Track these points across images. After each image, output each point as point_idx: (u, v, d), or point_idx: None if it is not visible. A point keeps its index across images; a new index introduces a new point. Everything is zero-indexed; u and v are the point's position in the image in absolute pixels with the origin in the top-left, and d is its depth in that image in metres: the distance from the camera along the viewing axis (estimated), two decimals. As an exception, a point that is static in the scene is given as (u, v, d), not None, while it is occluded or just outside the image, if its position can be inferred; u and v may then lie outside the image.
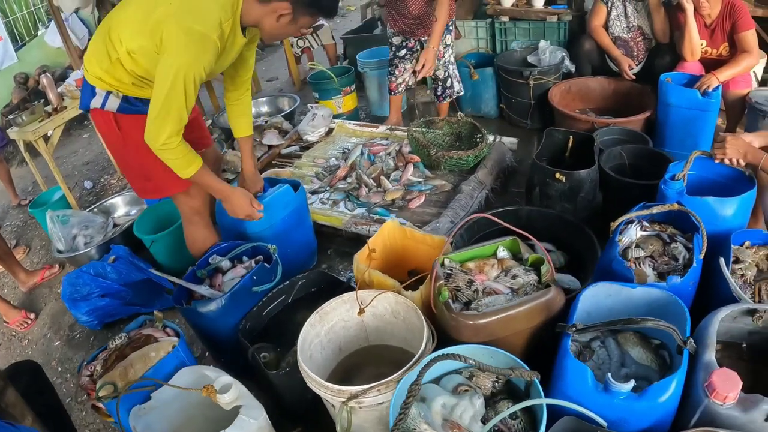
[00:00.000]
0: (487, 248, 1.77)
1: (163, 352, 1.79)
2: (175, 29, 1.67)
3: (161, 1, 1.73)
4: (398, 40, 3.47)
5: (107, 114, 1.93)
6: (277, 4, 1.77)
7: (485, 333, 1.50)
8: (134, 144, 1.94)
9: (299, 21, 1.87)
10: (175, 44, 1.68)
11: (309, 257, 2.72)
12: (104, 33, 1.85)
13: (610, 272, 1.76)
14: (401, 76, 3.61)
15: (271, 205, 2.32)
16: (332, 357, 1.88)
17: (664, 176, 2.09)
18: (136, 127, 1.90)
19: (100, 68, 1.86)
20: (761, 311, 1.58)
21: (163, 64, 1.71)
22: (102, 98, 1.90)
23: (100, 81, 1.89)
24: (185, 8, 1.69)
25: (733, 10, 2.86)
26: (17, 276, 3.18)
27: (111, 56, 1.82)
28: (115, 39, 1.80)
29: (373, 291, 1.74)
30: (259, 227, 2.31)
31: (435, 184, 2.89)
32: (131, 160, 2.06)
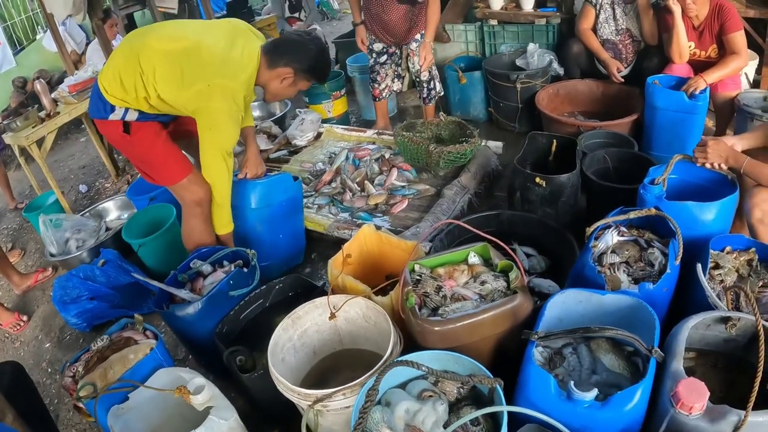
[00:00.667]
0: (459, 254, 1.77)
1: (142, 354, 1.82)
2: (215, 113, 2.03)
3: (198, 76, 2.00)
4: (379, 47, 3.50)
5: (116, 123, 2.13)
6: (282, 70, 2.17)
7: (451, 339, 1.50)
8: (141, 145, 2.19)
9: (298, 84, 2.26)
10: (215, 126, 2.06)
11: (298, 252, 2.75)
12: (135, 73, 2.02)
13: (583, 278, 1.76)
14: (383, 82, 3.62)
15: (271, 185, 2.45)
16: (306, 360, 1.89)
17: (643, 180, 2.08)
18: (144, 130, 2.16)
19: (123, 97, 2.07)
20: (734, 319, 1.57)
21: (208, 141, 2.10)
22: (122, 113, 2.11)
23: (121, 101, 2.09)
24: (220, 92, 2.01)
25: (722, 12, 2.84)
26: (11, 279, 3.22)
27: (138, 94, 2.05)
28: (149, 85, 2.02)
29: (344, 296, 1.75)
30: (257, 204, 2.40)
31: (419, 189, 2.90)
32: (137, 155, 2.27)
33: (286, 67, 2.15)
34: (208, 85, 1.99)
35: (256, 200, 2.42)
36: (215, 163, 2.14)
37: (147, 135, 2.17)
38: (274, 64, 2.14)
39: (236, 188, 2.37)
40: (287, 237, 2.62)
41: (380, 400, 1.47)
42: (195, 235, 2.35)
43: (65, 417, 2.37)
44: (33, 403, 2.01)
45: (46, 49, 6.03)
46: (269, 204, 2.45)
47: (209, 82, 1.99)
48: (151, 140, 2.18)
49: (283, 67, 2.15)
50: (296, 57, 2.15)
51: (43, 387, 2.56)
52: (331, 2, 8.58)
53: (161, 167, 2.25)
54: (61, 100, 3.68)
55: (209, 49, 2.03)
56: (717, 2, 2.86)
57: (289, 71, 2.16)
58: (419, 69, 3.45)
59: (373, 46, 3.52)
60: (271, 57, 2.14)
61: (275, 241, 2.52)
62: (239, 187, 2.40)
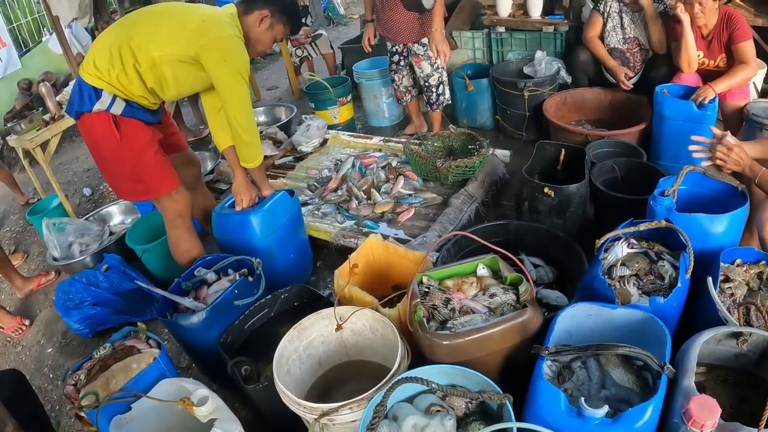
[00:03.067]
0: (467, 266, 1.75)
1: (144, 363, 1.81)
2: (223, 40, 2.01)
3: (192, 16, 2.03)
4: (389, 45, 3.53)
5: (107, 116, 2.03)
6: (258, 12, 2.16)
7: (459, 353, 1.48)
8: (130, 146, 2.10)
9: (275, 28, 2.23)
10: (230, 52, 2.02)
11: (308, 263, 2.73)
12: (119, 41, 1.99)
13: (592, 291, 1.74)
14: (401, 84, 3.63)
15: (272, 211, 2.36)
16: (311, 372, 1.87)
17: (653, 192, 2.06)
18: (134, 130, 2.09)
19: (110, 74, 2.00)
20: (746, 334, 1.54)
21: (227, 72, 2.03)
22: (109, 101, 2.03)
23: (108, 84, 2.01)
24: (217, 21, 2.04)
25: (731, 21, 2.83)
26: (14, 282, 3.21)
27: (126, 63, 1.99)
28: (136, 48, 1.98)
29: (350, 308, 1.73)
30: (263, 233, 2.34)
31: (425, 197, 2.88)
32: (125, 162, 2.14)
33: (263, 9, 2.15)
34: (202, 20, 2.01)
35: (262, 230, 2.33)
36: (238, 91, 2.08)
37: (138, 138, 2.11)
38: (250, 9, 2.15)
39: (237, 222, 2.32)
40: (297, 253, 2.59)
41: (387, 414, 1.45)
42: (182, 245, 2.36)
43: (66, 424, 2.36)
44: (34, 411, 2.01)
45: (52, 51, 6.04)
46: (275, 229, 2.39)
47: (202, 19, 2.02)
48: (143, 146, 2.13)
49: (259, 9, 2.15)
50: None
51: (44, 393, 2.55)
52: (337, 7, 8.59)
53: (151, 177, 2.18)
54: (65, 103, 3.67)
55: (190, 5, 2.15)
56: (726, 11, 2.84)
57: (266, 12, 2.16)
58: (427, 74, 3.44)
59: (387, 46, 3.56)
60: (246, 4, 2.16)
61: (287, 261, 2.48)
62: (241, 222, 2.32)
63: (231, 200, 2.44)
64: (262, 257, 2.20)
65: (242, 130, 2.15)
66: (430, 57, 3.38)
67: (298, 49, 5.05)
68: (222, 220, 2.38)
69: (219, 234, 2.43)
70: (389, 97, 4.05)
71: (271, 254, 2.37)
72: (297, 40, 5.00)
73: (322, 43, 5.04)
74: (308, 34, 4.98)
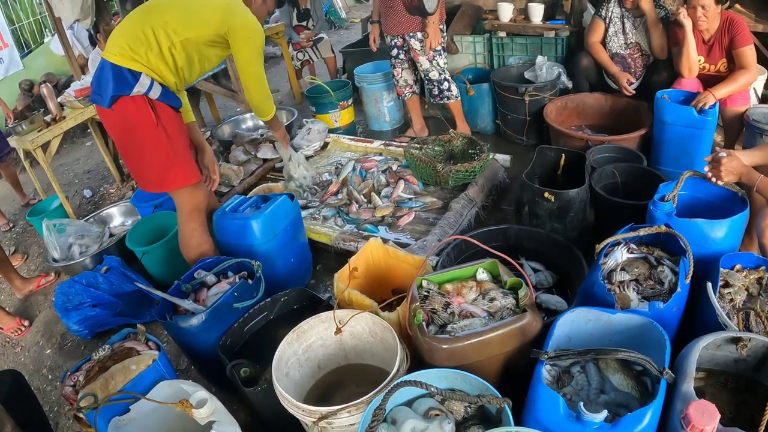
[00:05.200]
0: (467, 270, 1.75)
1: (144, 365, 1.81)
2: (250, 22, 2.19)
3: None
4: (389, 39, 3.57)
5: (144, 99, 2.04)
6: None
7: (458, 357, 1.48)
8: (165, 131, 2.11)
9: (267, 2, 2.42)
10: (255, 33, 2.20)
11: (308, 267, 2.73)
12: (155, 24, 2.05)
13: (592, 296, 1.74)
14: (401, 77, 3.66)
15: (273, 216, 2.37)
16: (311, 375, 1.87)
17: (653, 197, 2.07)
18: (169, 116, 2.13)
19: (147, 56, 2.05)
20: (745, 339, 1.55)
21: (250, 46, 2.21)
22: (148, 84, 2.04)
23: (146, 68, 2.05)
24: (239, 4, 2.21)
25: (732, 26, 2.83)
26: (13, 283, 3.21)
27: (162, 46, 2.06)
28: (173, 31, 2.06)
29: (350, 311, 1.73)
30: (264, 238, 2.34)
31: (425, 202, 2.88)
32: (159, 147, 2.12)
33: None
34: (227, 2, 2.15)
35: (262, 234, 2.34)
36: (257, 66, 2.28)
37: (174, 122, 2.16)
38: None
39: (239, 227, 2.33)
40: (297, 257, 2.59)
41: (386, 418, 1.45)
42: (194, 239, 2.34)
43: (65, 425, 2.36)
44: (32, 412, 2.01)
45: (54, 52, 6.07)
46: (275, 234, 2.40)
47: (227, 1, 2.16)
48: (179, 130, 2.20)
49: None
50: None
51: (43, 393, 2.55)
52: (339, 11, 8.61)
53: (182, 163, 2.20)
54: (67, 104, 3.69)
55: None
56: (727, 16, 2.85)
57: None
58: (426, 68, 3.49)
59: (386, 40, 3.60)
60: None
61: (287, 265, 2.49)
62: (242, 226, 2.33)
63: (232, 204, 2.44)
64: (263, 261, 2.21)
65: (257, 94, 2.37)
66: (429, 54, 3.42)
67: (299, 52, 5.07)
68: (223, 223, 2.38)
69: (220, 237, 2.43)
70: (390, 101, 4.06)
71: (271, 258, 2.37)
72: (299, 43, 5.01)
73: (324, 47, 5.05)
74: (310, 38, 4.99)
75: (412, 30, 3.40)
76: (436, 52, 3.45)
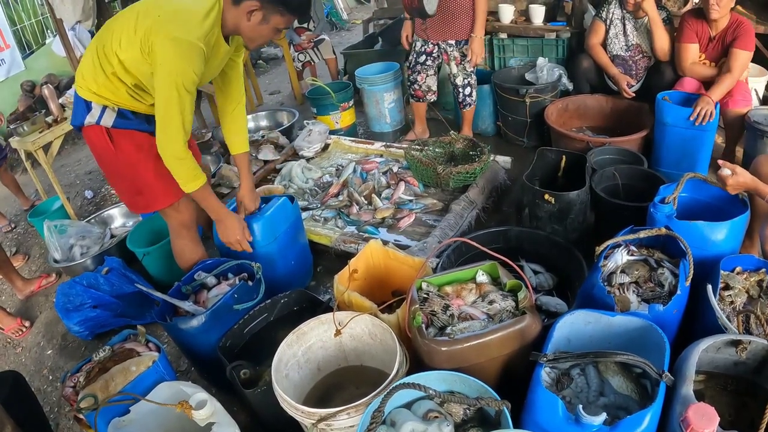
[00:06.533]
0: (467, 272, 1.75)
1: (144, 366, 1.81)
2: (164, 41, 1.74)
3: (148, 14, 1.80)
4: (419, 45, 3.52)
5: (101, 129, 1.97)
6: (247, 3, 1.83)
7: (458, 359, 1.48)
8: (126, 159, 2.01)
9: (271, 20, 1.89)
10: (166, 55, 1.75)
11: (308, 268, 2.73)
12: (96, 49, 1.90)
13: (592, 298, 1.74)
14: (424, 83, 3.63)
15: (273, 218, 2.35)
16: (310, 376, 1.87)
17: (653, 199, 2.06)
18: (130, 142, 1.99)
19: (96, 83, 1.91)
20: (745, 342, 1.54)
21: (159, 77, 1.79)
22: (98, 113, 1.94)
23: (96, 96, 1.93)
24: (171, 18, 1.77)
25: (739, 28, 2.84)
26: (14, 284, 3.21)
27: (106, 70, 1.87)
28: (110, 53, 1.85)
29: (350, 313, 1.73)
30: (265, 241, 2.33)
31: (426, 203, 2.88)
32: (123, 175, 2.09)
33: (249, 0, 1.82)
34: (158, 15, 1.76)
35: (263, 237, 2.32)
36: (169, 92, 1.78)
37: (133, 149, 2.00)
38: None
39: None
40: (297, 260, 2.59)
41: (385, 420, 1.45)
42: (186, 254, 2.32)
43: (65, 426, 2.36)
44: (33, 413, 2.01)
45: (55, 53, 6.05)
46: (276, 237, 2.38)
47: (159, 14, 1.77)
48: (139, 156, 2.02)
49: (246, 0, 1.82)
50: None
51: (43, 394, 2.55)
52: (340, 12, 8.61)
53: (149, 188, 2.08)
54: (68, 105, 3.68)
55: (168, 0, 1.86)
56: (738, 18, 2.86)
57: (254, 4, 1.82)
58: (454, 73, 3.48)
59: (416, 45, 3.55)
60: None
61: (288, 267, 2.48)
62: None
63: (232, 206, 2.42)
64: (263, 263, 2.20)
65: (168, 145, 1.89)
66: (456, 57, 3.42)
67: (300, 53, 5.07)
68: None
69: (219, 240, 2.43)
70: (391, 103, 4.06)
71: (272, 261, 2.37)
72: (300, 45, 5.02)
73: (325, 48, 5.05)
74: (311, 39, 5.00)
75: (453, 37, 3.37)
76: (463, 56, 3.44)
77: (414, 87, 3.67)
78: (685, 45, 3.00)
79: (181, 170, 1.95)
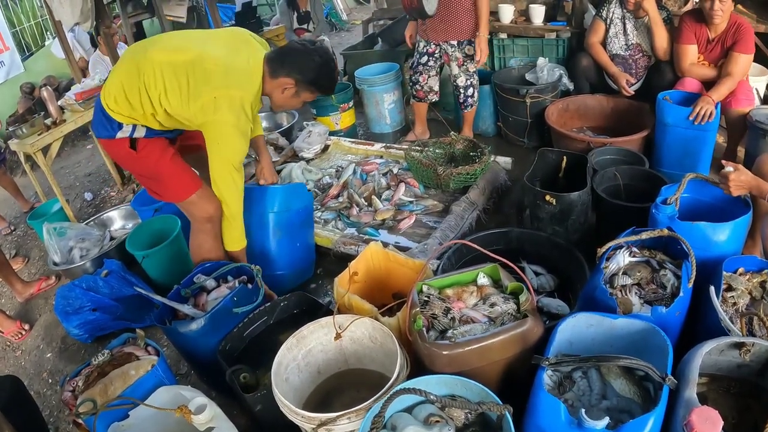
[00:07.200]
0: (468, 275, 1.74)
1: (143, 370, 1.81)
2: (223, 126, 1.98)
3: (204, 87, 1.95)
4: (422, 45, 3.51)
5: (124, 139, 2.08)
6: (283, 80, 2.09)
7: (459, 363, 1.47)
8: (147, 157, 2.13)
9: (302, 95, 2.17)
10: (224, 139, 2.00)
11: (309, 265, 2.72)
12: (139, 86, 1.98)
13: (594, 300, 1.72)
14: (426, 84, 3.61)
15: (290, 191, 2.49)
16: (310, 380, 1.85)
17: (655, 200, 2.05)
18: (154, 146, 2.13)
19: (130, 114, 2.03)
20: (749, 344, 1.53)
21: (218, 155, 2.04)
22: (130, 130, 2.08)
23: (128, 118, 2.05)
24: (227, 104, 1.95)
25: (739, 30, 2.83)
26: (14, 286, 3.20)
27: (146, 110, 2.01)
28: (155, 100, 1.98)
29: (350, 316, 1.72)
30: (279, 208, 2.41)
31: (426, 205, 2.87)
32: (145, 171, 2.22)
33: (288, 78, 2.07)
34: (214, 97, 1.93)
35: (278, 204, 2.42)
36: (225, 177, 2.07)
37: (154, 150, 2.13)
38: (275, 73, 2.07)
39: (257, 193, 2.42)
40: (303, 247, 2.61)
41: (386, 425, 1.44)
42: (204, 251, 2.30)
43: (65, 430, 2.36)
44: (32, 418, 2.01)
45: (55, 55, 6.06)
46: (288, 209, 2.45)
47: (215, 94, 1.93)
48: (158, 155, 2.14)
49: (284, 77, 2.07)
50: (298, 68, 2.07)
51: (43, 398, 2.54)
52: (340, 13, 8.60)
53: (169, 183, 2.20)
54: (67, 107, 3.68)
55: (214, 59, 1.98)
56: (736, 19, 2.84)
57: (290, 81, 2.08)
58: (455, 74, 3.47)
59: (418, 45, 3.54)
60: (273, 66, 2.07)
61: (293, 249, 2.52)
62: (260, 192, 2.44)
63: None
64: (271, 234, 2.34)
65: (226, 208, 2.16)
66: (458, 58, 3.40)
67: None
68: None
69: None
70: (391, 103, 4.05)
71: (279, 233, 2.44)
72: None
73: (324, 50, 5.03)
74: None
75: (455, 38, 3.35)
76: (466, 57, 3.42)
77: (416, 88, 3.65)
78: (684, 46, 2.99)
79: (233, 230, 2.22)
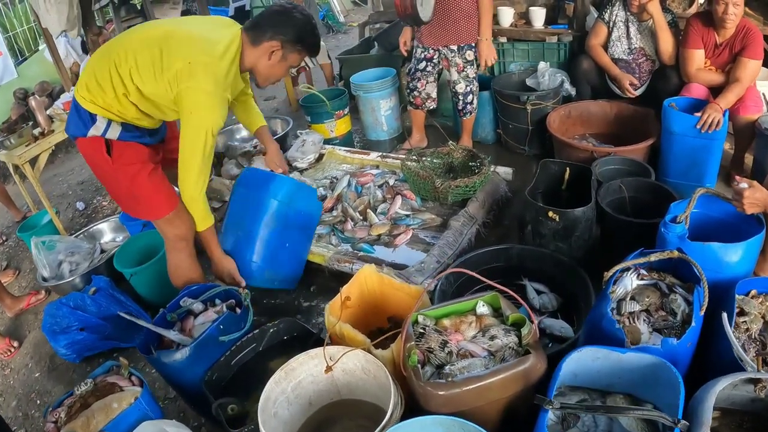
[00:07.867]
0: (466, 304, 1.64)
1: (126, 403, 1.76)
2: (197, 93, 1.87)
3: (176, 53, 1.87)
4: (419, 51, 3.41)
5: (99, 141, 1.98)
6: (268, 44, 2.02)
7: (456, 403, 1.38)
8: (125, 170, 2.04)
9: (289, 58, 2.10)
10: (198, 105, 1.89)
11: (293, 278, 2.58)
12: (109, 66, 1.91)
13: (600, 329, 1.63)
14: (424, 90, 3.51)
15: (300, 188, 2.45)
16: (301, 412, 1.77)
17: (664, 218, 1.95)
18: (130, 153, 2.03)
19: (103, 99, 1.93)
20: (765, 381, 1.45)
21: (189, 123, 1.93)
22: (104, 126, 1.97)
23: (102, 109, 1.95)
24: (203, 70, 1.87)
25: (748, 35, 2.75)
26: (3, 301, 3.13)
27: (117, 91, 1.91)
28: (126, 78, 1.90)
29: (341, 348, 1.63)
30: (282, 199, 2.34)
31: (423, 218, 2.76)
32: (120, 185, 2.11)
33: (272, 41, 2.01)
34: (188, 62, 1.85)
35: (282, 194, 2.34)
36: (197, 138, 1.92)
37: (131, 161, 2.03)
38: (258, 39, 2.01)
39: (266, 175, 2.41)
40: (290, 251, 2.48)
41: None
42: (181, 270, 2.26)
43: (50, 459, 2.27)
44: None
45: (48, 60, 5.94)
46: (291, 204, 2.38)
47: (190, 59, 1.85)
48: (135, 172, 2.05)
49: (268, 40, 2.00)
50: (281, 28, 2.01)
51: (31, 420, 2.49)
52: (337, 15, 8.49)
53: (144, 202, 2.11)
54: (56, 117, 3.60)
55: (188, 31, 1.94)
56: (745, 24, 2.75)
57: (275, 44, 2.02)
58: (454, 80, 3.37)
59: (416, 51, 3.44)
60: (254, 33, 2.01)
61: (279, 246, 2.39)
62: (269, 176, 2.40)
63: None
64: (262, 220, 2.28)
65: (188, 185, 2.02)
66: (457, 64, 3.30)
67: (295, 58, 4.96)
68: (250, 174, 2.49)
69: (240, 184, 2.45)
70: (388, 110, 3.95)
71: (272, 224, 2.35)
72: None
73: (320, 53, 4.93)
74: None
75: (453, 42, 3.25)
76: (466, 62, 3.31)
77: (413, 94, 3.55)
78: (691, 51, 2.90)
79: (200, 210, 2.10)
